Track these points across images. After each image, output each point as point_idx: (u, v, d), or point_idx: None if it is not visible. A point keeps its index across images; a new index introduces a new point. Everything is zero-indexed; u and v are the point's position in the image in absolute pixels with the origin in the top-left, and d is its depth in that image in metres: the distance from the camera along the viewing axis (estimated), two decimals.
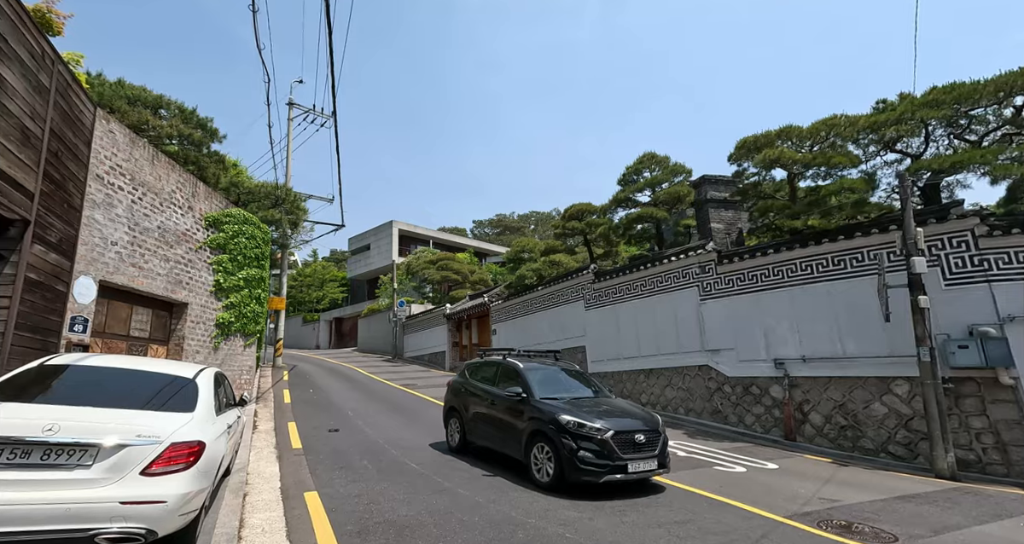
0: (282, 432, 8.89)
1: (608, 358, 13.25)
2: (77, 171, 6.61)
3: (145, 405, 3.32)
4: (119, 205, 7.58)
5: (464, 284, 27.77)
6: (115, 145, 7.51)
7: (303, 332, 42.81)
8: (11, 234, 5.42)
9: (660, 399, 11.43)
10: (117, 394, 3.39)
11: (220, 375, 4.84)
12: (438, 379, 18.26)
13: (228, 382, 5.38)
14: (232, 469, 5.99)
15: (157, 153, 8.58)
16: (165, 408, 3.38)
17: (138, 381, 3.63)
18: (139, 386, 3.57)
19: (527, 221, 60.18)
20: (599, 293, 13.80)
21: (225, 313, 10.65)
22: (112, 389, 3.45)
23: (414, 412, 11.23)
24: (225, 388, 4.92)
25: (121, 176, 7.65)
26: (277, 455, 7.18)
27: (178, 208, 9.16)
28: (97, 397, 3.26)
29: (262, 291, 12.06)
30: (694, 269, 11.02)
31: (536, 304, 16.85)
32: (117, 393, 3.40)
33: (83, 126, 6.68)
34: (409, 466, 6.61)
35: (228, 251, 10.73)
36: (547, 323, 16.15)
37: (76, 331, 6.69)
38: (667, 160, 14.54)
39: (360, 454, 7.27)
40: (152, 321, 8.81)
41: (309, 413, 10.87)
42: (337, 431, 9.04)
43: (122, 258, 7.62)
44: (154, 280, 8.41)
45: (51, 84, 5.78)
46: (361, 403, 12.43)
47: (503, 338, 19.01)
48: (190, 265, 9.50)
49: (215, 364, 10.29)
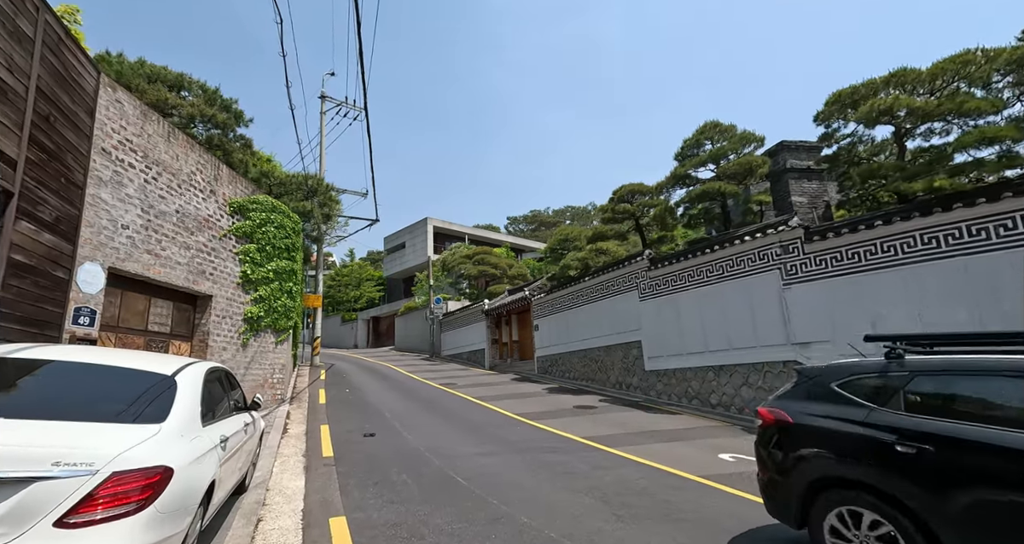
0: (313, 437, 7.99)
1: (668, 354, 11.81)
2: (78, 143, 5.84)
3: (90, 414, 2.31)
4: (130, 184, 6.83)
5: (502, 279, 26.69)
6: (123, 117, 6.76)
7: (342, 331, 42.93)
8: None
9: (735, 400, 9.93)
10: (54, 399, 2.41)
11: (221, 372, 3.84)
12: (478, 378, 17.24)
13: (235, 381, 4.39)
14: (249, 485, 5.04)
15: (173, 130, 7.84)
16: (120, 418, 2.37)
17: (92, 380, 2.64)
18: (91, 387, 2.58)
19: (562, 215, 58.63)
20: (655, 282, 12.37)
21: (254, 307, 9.90)
22: (49, 392, 2.47)
23: (455, 413, 10.18)
24: (227, 388, 3.92)
25: (132, 152, 6.90)
26: (305, 465, 6.23)
27: (199, 191, 8.42)
28: (19, 404, 2.29)
29: (294, 285, 11.31)
30: (774, 249, 9.46)
31: (582, 296, 15.54)
32: (54, 397, 2.42)
33: (83, 91, 5.91)
34: (456, 482, 5.50)
35: (255, 240, 9.98)
36: (596, 317, 14.82)
37: (81, 324, 5.93)
38: (733, 129, 12.83)
39: (398, 465, 6.22)
40: (174, 315, 8.09)
41: (344, 415, 10.00)
42: (373, 436, 8.07)
43: (135, 244, 6.87)
44: (173, 269, 7.66)
45: (35, 34, 4.98)
46: (398, 403, 11.51)
47: (545, 334, 17.79)
48: (214, 254, 8.75)
49: (244, 362, 9.55)
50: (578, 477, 5.66)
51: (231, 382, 4.18)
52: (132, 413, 2.42)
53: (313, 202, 15.73)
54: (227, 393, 3.83)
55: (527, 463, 6.32)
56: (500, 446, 7.29)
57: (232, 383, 4.22)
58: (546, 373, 17.45)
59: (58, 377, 2.59)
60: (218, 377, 3.66)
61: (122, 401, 2.50)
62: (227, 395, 3.80)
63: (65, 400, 2.41)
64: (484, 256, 27.26)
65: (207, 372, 3.28)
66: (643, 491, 5.13)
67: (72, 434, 2.12)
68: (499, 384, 15.53)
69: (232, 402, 3.95)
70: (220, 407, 3.41)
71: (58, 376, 2.59)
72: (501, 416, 9.97)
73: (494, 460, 6.48)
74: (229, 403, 3.78)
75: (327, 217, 16.59)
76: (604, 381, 14.16)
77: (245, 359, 9.62)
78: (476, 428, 8.68)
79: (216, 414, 3.22)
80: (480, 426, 8.88)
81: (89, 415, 2.31)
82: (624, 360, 13.36)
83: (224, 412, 3.50)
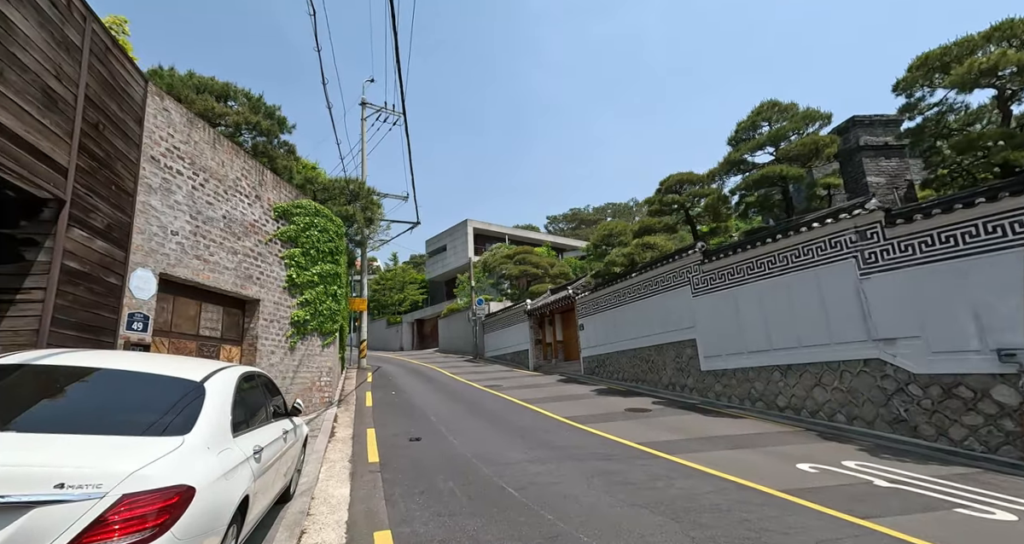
0: (360, 441, 7.87)
1: (727, 353, 10.99)
2: (127, 151, 5.95)
3: (106, 427, 2.12)
4: (178, 191, 6.94)
5: (543, 278, 26.24)
6: (171, 125, 6.88)
7: (387, 334, 43.80)
8: (44, 216, 4.71)
9: (806, 403, 9.04)
10: (69, 410, 2.23)
11: (257, 377, 3.65)
12: (523, 379, 16.88)
13: (273, 386, 4.22)
14: (295, 492, 4.89)
15: (219, 137, 7.96)
16: (140, 430, 2.16)
17: (114, 388, 2.48)
18: (112, 396, 2.40)
19: (603, 213, 57.43)
20: (710, 276, 11.57)
21: (300, 311, 9.99)
22: (65, 402, 2.31)
23: (500, 417, 9.86)
24: (265, 394, 3.75)
25: (179, 159, 7.01)
26: (351, 471, 6.06)
27: (244, 197, 8.53)
28: (31, 416, 2.12)
29: (338, 288, 11.37)
30: (848, 236, 8.52)
31: (629, 294, 14.86)
32: (70, 408, 2.25)
33: (131, 100, 6.02)
34: (506, 492, 5.14)
35: (300, 244, 10.07)
36: (644, 315, 14.11)
37: (135, 329, 6.03)
38: (794, 107, 11.74)
39: (445, 472, 5.94)
40: (224, 319, 8.21)
41: (390, 418, 9.90)
42: (419, 440, 7.87)
43: (184, 249, 6.97)
44: (221, 274, 7.76)
45: (83, 43, 5.05)
46: (443, 406, 11.32)
47: (591, 334, 17.19)
48: (260, 259, 8.86)
49: (292, 366, 9.63)
50: (639, 489, 5.17)
51: (269, 387, 4.01)
52: (153, 424, 2.21)
53: (355, 206, 15.93)
54: (264, 399, 3.64)
55: (581, 472, 5.87)
56: (551, 452, 6.89)
57: (270, 388, 4.05)
58: (593, 374, 16.86)
59: (79, 385, 2.43)
60: (254, 383, 3.47)
61: (144, 411, 2.30)
62: (264, 401, 3.60)
63: (81, 410, 2.24)
64: (525, 256, 26.91)
65: (240, 377, 3.08)
66: (715, 507, 4.58)
67: (82, 450, 1.92)
68: (545, 386, 15.11)
69: (271, 408, 3.76)
70: (256, 415, 3.21)
71: (79, 384, 2.43)
72: (549, 420, 9.55)
73: (545, 468, 6.08)
74: (267, 410, 3.59)
75: (369, 221, 16.78)
76: (656, 382, 13.44)
77: (293, 362, 9.70)
78: (524, 432, 8.31)
79: (250, 423, 3.01)
80: (528, 430, 8.50)
81: (105, 427, 2.11)
82: (677, 360, 12.61)
83: (261, 420, 3.30)
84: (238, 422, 2.75)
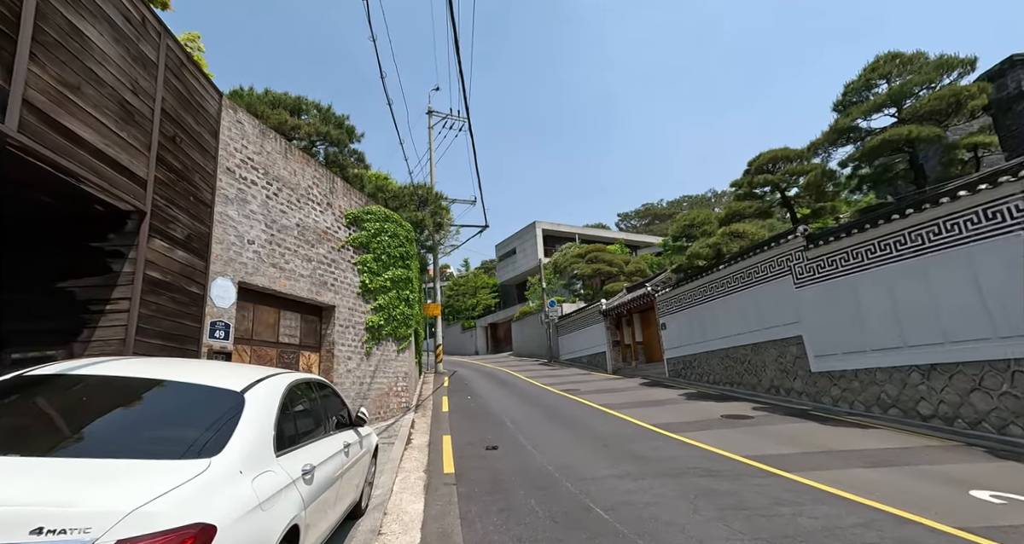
0: (436, 448, 7.59)
1: (845, 351, 9.44)
2: (204, 163, 6.11)
3: (119, 448, 1.82)
4: (253, 201, 7.10)
5: (618, 277, 25.06)
6: (244, 136, 7.06)
7: (462, 339, 44.52)
8: (128, 228, 4.85)
9: (961, 411, 7.39)
10: (82, 428, 1.95)
11: (311, 385, 3.32)
12: (601, 383, 16.00)
13: (334, 394, 3.91)
14: (367, 506, 4.60)
15: (290, 146, 8.13)
16: (158, 451, 1.85)
17: (139, 402, 2.22)
18: (135, 411, 2.12)
19: (678, 206, 54.43)
20: (816, 263, 10.06)
21: (374, 316, 10.02)
22: (80, 418, 2.02)
23: (581, 423, 9.17)
24: (323, 404, 3.42)
25: (254, 170, 7.18)
26: (425, 483, 5.73)
27: (316, 205, 8.67)
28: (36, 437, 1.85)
29: (410, 293, 11.35)
30: (1013, 204, 6.85)
31: (717, 288, 13.50)
32: (84, 427, 1.96)
33: (206, 113, 6.19)
34: (594, 513, 4.49)
35: (371, 250, 10.13)
36: (736, 310, 12.71)
37: (217, 337, 6.17)
38: (921, 57, 9.70)
39: (525, 486, 5.41)
40: (302, 326, 8.35)
41: (466, 424, 9.59)
42: (496, 449, 7.43)
43: (261, 258, 7.11)
44: (297, 282, 7.88)
45: (158, 59, 5.19)
46: (520, 412, 10.84)
47: (674, 333, 15.92)
48: (334, 265, 8.95)
49: (369, 372, 9.65)
50: (758, 516, 4.28)
51: (328, 396, 3.71)
52: (175, 444, 1.89)
53: (425, 212, 16.08)
54: (322, 409, 3.31)
55: (681, 491, 5.07)
56: (641, 466, 6.11)
57: (330, 397, 3.75)
58: (679, 377, 15.57)
59: (101, 398, 2.18)
60: (308, 391, 3.15)
61: (167, 428, 2.00)
62: (322, 412, 3.27)
63: (96, 428, 1.96)
64: (597, 254, 25.89)
65: (291, 386, 2.75)
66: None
67: (76, 481, 1.59)
68: (626, 390, 14.15)
69: (332, 419, 3.45)
70: (310, 428, 2.88)
71: (102, 396, 2.19)
72: (635, 427, 8.71)
73: (637, 485, 5.34)
74: (326, 421, 3.27)
75: (439, 226, 16.89)
76: (754, 385, 12.01)
77: (370, 368, 9.73)
78: (608, 442, 7.58)
79: (303, 437, 2.66)
80: (612, 439, 7.75)
81: (116, 449, 1.81)
82: (780, 360, 11.14)
83: (317, 433, 2.96)
84: (286, 438, 2.40)
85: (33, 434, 1.88)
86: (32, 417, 2.00)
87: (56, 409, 2.03)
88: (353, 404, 9.04)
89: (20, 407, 2.05)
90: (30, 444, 1.80)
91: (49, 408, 2.04)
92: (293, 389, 2.80)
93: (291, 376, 2.90)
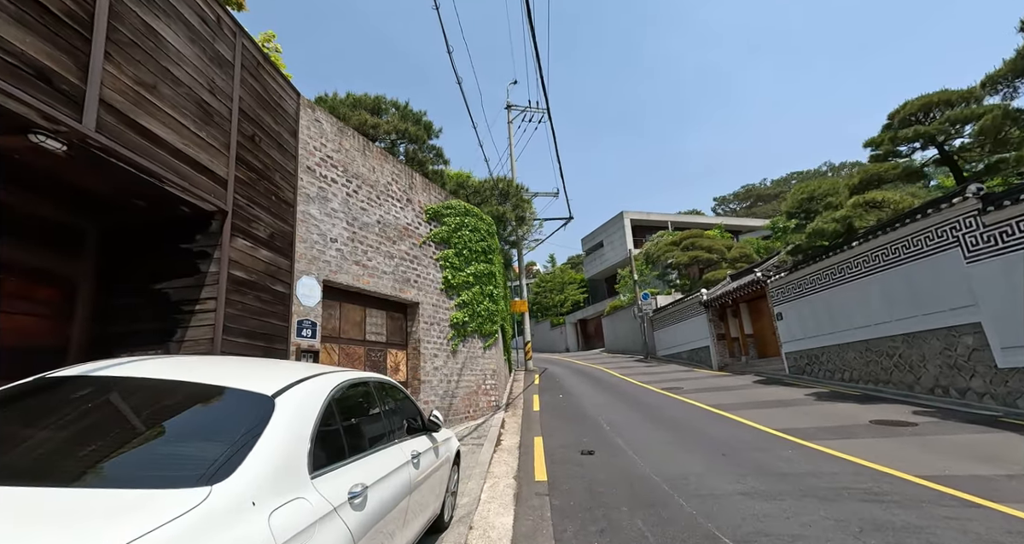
0: (527, 452, 7.06)
1: None
2: (284, 162, 6.15)
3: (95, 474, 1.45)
4: (334, 199, 7.09)
5: (719, 264, 22.81)
6: (323, 135, 7.08)
7: (552, 336, 44.02)
8: (212, 228, 4.90)
9: None
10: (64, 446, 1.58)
11: (376, 385, 2.88)
12: (707, 381, 14.45)
13: (400, 395, 3.44)
14: (451, 519, 4.15)
15: (368, 143, 8.09)
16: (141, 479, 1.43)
17: (152, 410, 1.86)
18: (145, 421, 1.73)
19: (785, 185, 48.90)
20: (999, 230, 7.91)
21: (458, 312, 9.78)
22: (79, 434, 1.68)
23: (689, 426, 8.08)
24: (383, 408, 2.90)
25: (333, 168, 7.19)
26: (515, 492, 5.19)
27: (396, 201, 8.58)
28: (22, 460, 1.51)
29: (494, 288, 10.99)
30: None
31: (850, 269, 11.43)
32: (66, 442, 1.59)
33: (285, 113, 6.23)
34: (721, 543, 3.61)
35: (452, 245, 9.90)
36: (877, 293, 10.62)
37: (304, 336, 6.18)
38: None
39: (627, 501, 4.65)
40: (388, 324, 8.29)
41: (558, 424, 8.97)
42: (592, 454, 6.71)
43: (344, 256, 7.09)
44: (380, 279, 7.80)
45: (235, 59, 5.23)
46: (616, 412, 9.96)
47: (794, 324, 13.88)
48: (416, 262, 8.82)
49: (456, 369, 9.41)
50: None
51: (393, 397, 3.19)
52: (173, 466, 1.47)
53: (506, 205, 15.73)
54: (384, 415, 2.84)
55: (838, 521, 3.96)
56: (774, 482, 5.02)
57: (396, 399, 3.25)
58: (802, 373, 13.54)
59: (103, 407, 1.86)
60: (366, 393, 2.69)
61: (170, 443, 1.61)
62: (383, 417, 2.79)
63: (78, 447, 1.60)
64: (694, 240, 23.80)
65: (339, 387, 2.29)
66: None
67: (20, 522, 1.20)
68: (738, 388, 12.56)
69: (400, 424, 2.99)
70: (367, 438, 2.42)
71: (104, 405, 1.86)
72: (757, 432, 7.46)
73: (774, 508, 4.31)
74: (390, 428, 2.80)
75: (521, 219, 16.45)
76: (909, 384, 9.91)
77: (457, 366, 9.49)
78: (725, 449, 6.49)
79: (352, 451, 2.20)
80: (731, 446, 6.64)
81: (93, 474, 1.44)
82: (947, 353, 9.02)
83: (375, 444, 2.49)
84: (330, 453, 1.94)
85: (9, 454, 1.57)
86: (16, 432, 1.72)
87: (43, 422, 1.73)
88: (442, 402, 8.84)
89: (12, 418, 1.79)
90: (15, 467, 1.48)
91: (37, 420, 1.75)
92: (345, 391, 2.35)
93: (343, 374, 2.47)
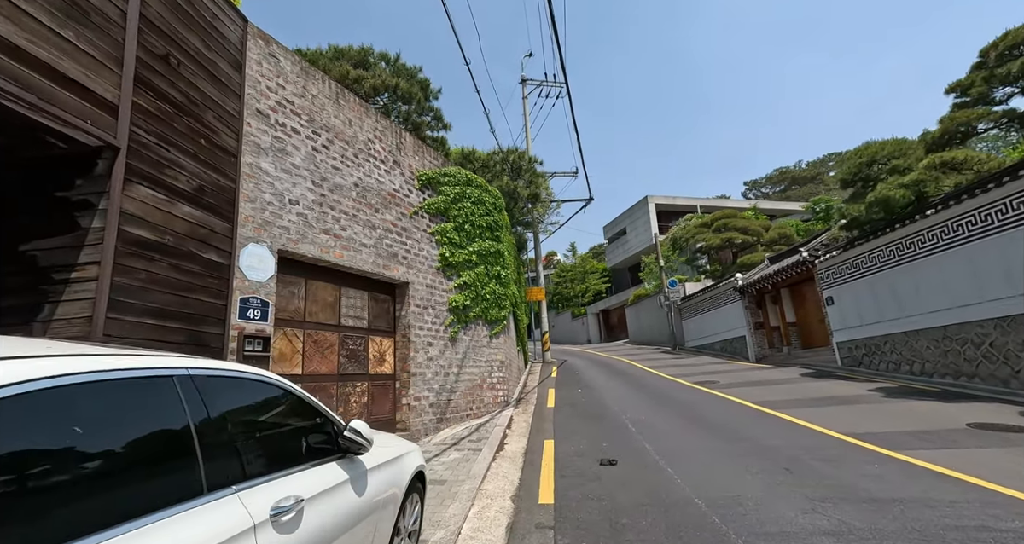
0: (533, 460, 5.72)
1: None
2: (222, 100, 4.89)
3: None
4: (295, 153, 5.82)
5: (755, 247, 20.88)
6: (281, 74, 5.80)
7: (573, 327, 42.44)
8: (99, 170, 3.67)
9: None
10: None
11: (205, 384, 1.49)
12: (745, 374, 12.82)
13: (284, 401, 2.00)
14: None
15: (343, 91, 6.79)
16: None
17: None
18: None
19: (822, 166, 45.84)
20: None
21: (458, 295, 8.46)
22: None
23: (731, 429, 6.59)
24: (210, 425, 1.43)
25: (294, 115, 5.91)
26: (510, 522, 3.86)
27: (380, 162, 7.27)
28: None
29: (502, 269, 9.63)
30: None
31: (922, 244, 9.64)
32: None
33: (221, 38, 4.96)
34: None
35: (451, 218, 8.57)
36: (958, 272, 8.84)
37: (251, 318, 4.95)
38: None
39: (664, 541, 3.27)
40: (371, 306, 7.04)
41: (574, 425, 7.60)
42: (614, 464, 5.33)
43: (307, 222, 5.83)
44: (358, 252, 6.53)
45: None
46: (643, 409, 8.53)
47: (848, 309, 12.11)
48: (405, 234, 7.52)
49: (455, 360, 8.12)
50: None
51: (239, 406, 1.71)
52: None
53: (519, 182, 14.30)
54: (192, 443, 1.38)
55: None
56: (869, 513, 3.55)
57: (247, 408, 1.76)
58: (858, 365, 11.80)
59: None
60: (135, 399, 1.26)
61: None
62: (192, 450, 1.37)
63: None
64: (727, 221, 21.86)
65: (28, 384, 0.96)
66: None
67: None
68: (783, 382, 10.94)
69: (276, 449, 1.63)
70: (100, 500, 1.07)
71: None
72: (820, 437, 5.94)
73: None
74: (220, 467, 1.40)
75: (535, 196, 14.98)
76: (1003, 378, 8.18)
77: (456, 356, 8.20)
78: (784, 459, 5.00)
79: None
80: (791, 456, 5.15)
81: None
82: None
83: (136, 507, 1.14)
84: None
85: None
86: None
87: None
88: (437, 398, 7.57)
89: None
90: None
91: None
92: (65, 396, 1.01)
93: (84, 361, 1.14)
